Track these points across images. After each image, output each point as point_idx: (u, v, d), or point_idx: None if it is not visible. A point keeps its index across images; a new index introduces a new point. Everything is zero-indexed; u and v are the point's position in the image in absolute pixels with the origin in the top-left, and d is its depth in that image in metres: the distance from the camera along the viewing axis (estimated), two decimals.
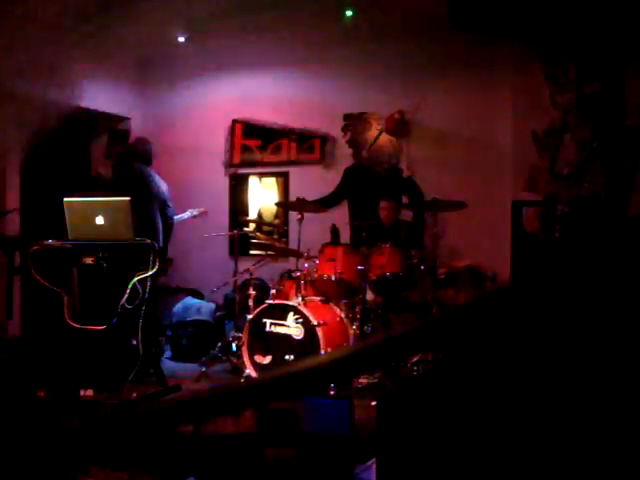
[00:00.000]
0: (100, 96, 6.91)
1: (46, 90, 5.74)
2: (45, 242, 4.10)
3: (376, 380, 4.63)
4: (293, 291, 4.93)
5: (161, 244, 5.09)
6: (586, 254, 0.82)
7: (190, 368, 5.42)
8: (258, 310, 4.78)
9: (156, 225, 5.20)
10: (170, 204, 5.37)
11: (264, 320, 4.73)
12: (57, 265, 4.23)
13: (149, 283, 4.15)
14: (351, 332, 4.81)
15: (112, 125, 7.49)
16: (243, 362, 4.78)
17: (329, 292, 5.01)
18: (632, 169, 4.29)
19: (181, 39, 6.85)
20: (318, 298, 4.94)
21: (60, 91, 5.89)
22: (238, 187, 7.47)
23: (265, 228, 7.25)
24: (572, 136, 4.06)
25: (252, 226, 7.07)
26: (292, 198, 6.46)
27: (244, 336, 4.78)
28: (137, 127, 7.40)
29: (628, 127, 4.86)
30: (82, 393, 4.05)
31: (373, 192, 6.19)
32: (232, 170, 7.46)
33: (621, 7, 4.34)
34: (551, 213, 4.00)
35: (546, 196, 4.02)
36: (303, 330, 4.57)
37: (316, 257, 5.09)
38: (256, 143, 7.31)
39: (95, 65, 6.44)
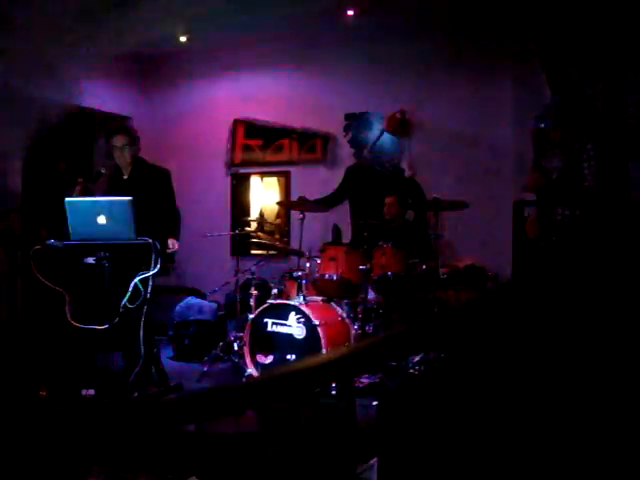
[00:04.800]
0: (101, 96, 6.92)
1: (46, 90, 5.74)
2: (47, 242, 4.10)
3: (377, 380, 4.63)
4: (294, 291, 4.93)
5: None
6: (587, 253, 0.82)
7: (192, 368, 5.42)
8: (260, 310, 4.78)
9: None
10: None
11: (266, 320, 4.73)
12: (59, 265, 4.23)
13: (150, 283, 4.14)
14: (352, 332, 4.81)
15: (113, 125, 7.49)
16: (245, 362, 4.78)
17: (330, 292, 5.01)
18: (626, 166, 4.28)
19: (182, 39, 6.85)
20: (319, 298, 4.94)
21: (60, 91, 5.90)
22: (240, 187, 7.48)
23: (267, 228, 7.25)
24: (563, 136, 4.06)
25: (254, 226, 7.07)
26: (294, 198, 6.46)
27: (246, 336, 4.78)
28: (138, 127, 7.41)
29: (629, 126, 4.86)
30: (83, 393, 4.05)
31: (375, 192, 6.18)
32: (234, 170, 7.46)
33: (623, 6, 4.33)
34: (548, 215, 3.98)
35: (541, 196, 4.00)
36: (304, 330, 4.57)
37: (317, 257, 5.09)
38: (258, 143, 7.32)
39: (96, 65, 6.45)
